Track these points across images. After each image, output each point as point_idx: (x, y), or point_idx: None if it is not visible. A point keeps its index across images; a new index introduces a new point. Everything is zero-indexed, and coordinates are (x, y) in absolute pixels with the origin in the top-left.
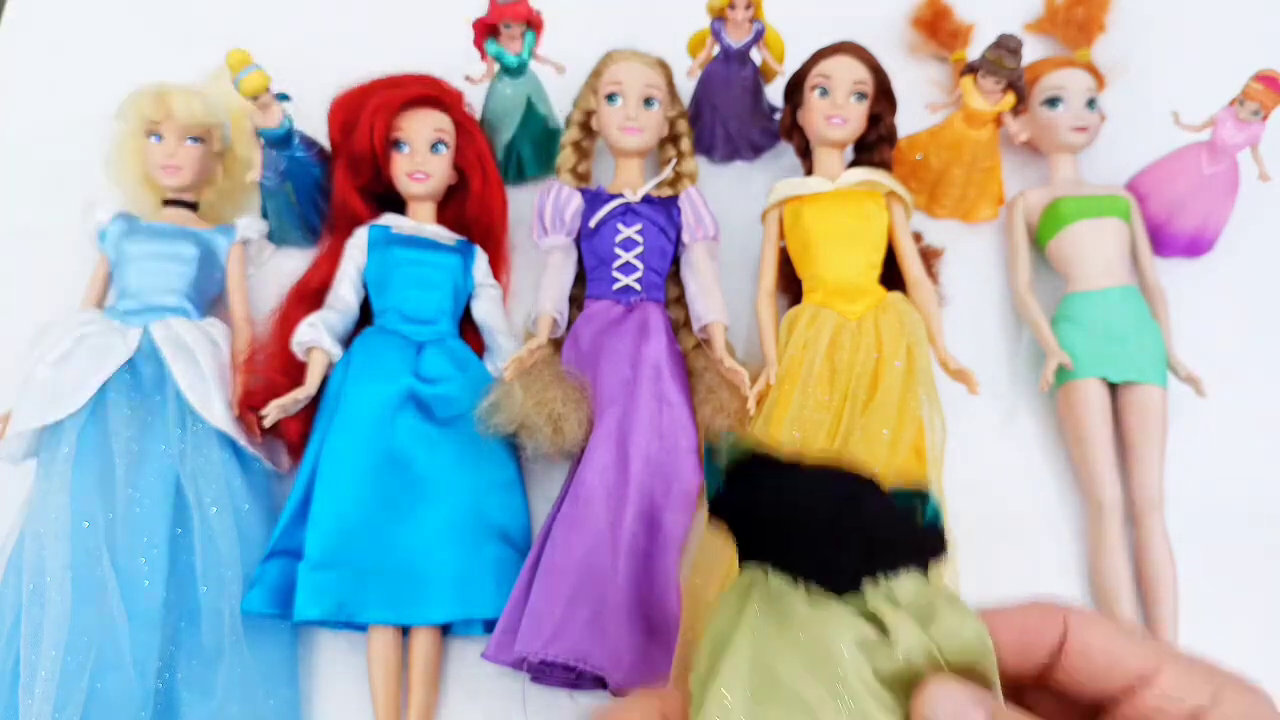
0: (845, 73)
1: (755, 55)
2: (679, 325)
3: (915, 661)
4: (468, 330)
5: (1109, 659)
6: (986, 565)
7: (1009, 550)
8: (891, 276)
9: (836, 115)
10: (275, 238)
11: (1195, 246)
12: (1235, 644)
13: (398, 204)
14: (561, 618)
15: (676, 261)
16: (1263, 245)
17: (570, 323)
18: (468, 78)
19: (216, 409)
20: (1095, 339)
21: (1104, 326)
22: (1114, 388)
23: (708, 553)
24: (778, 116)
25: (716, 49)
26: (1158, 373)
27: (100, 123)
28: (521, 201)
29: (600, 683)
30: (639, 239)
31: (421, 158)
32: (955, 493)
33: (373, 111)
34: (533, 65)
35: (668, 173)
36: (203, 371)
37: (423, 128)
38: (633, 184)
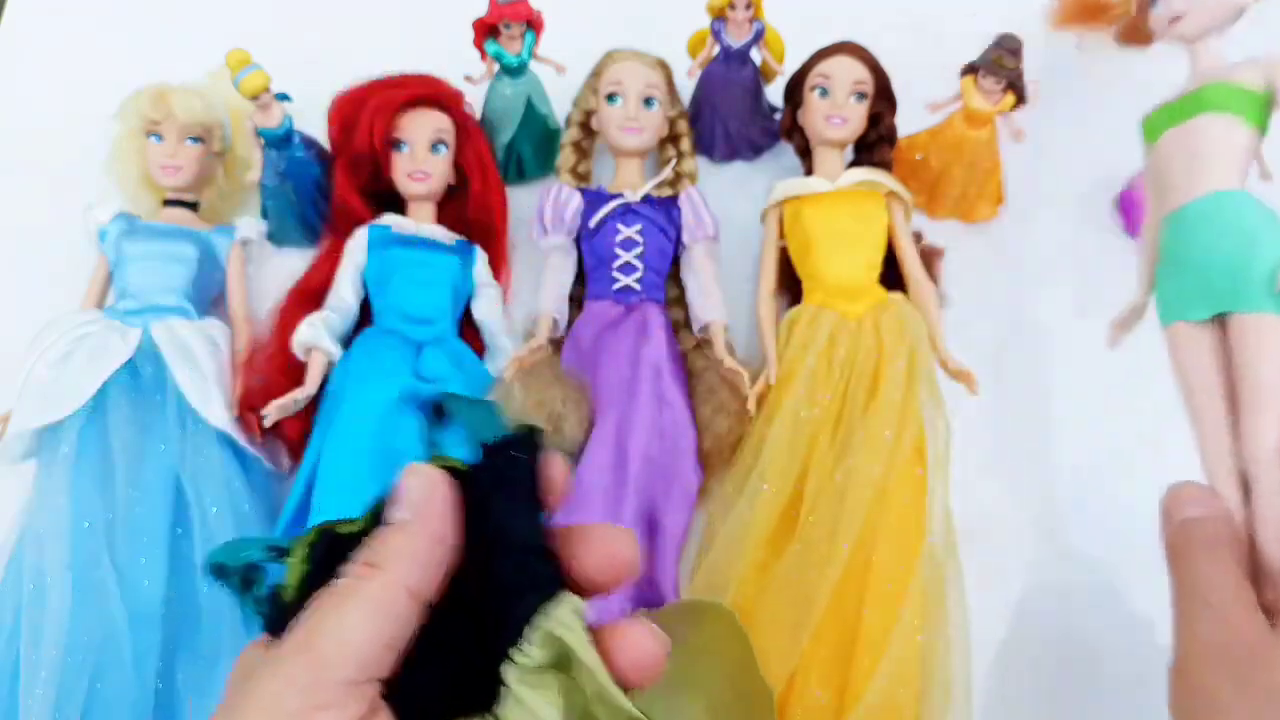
0: (845, 73)
1: (755, 55)
2: (679, 325)
3: None
4: (468, 330)
5: None
6: (989, 565)
7: (1010, 550)
8: (891, 276)
9: (836, 115)
10: (275, 238)
11: None
12: None
13: (398, 204)
14: None
15: (676, 261)
16: None
17: (570, 323)
18: (468, 78)
19: (216, 409)
20: (1181, 270)
21: (1189, 249)
22: (1224, 325)
23: (712, 554)
24: (778, 116)
25: (716, 49)
26: (1265, 296)
27: (100, 123)
28: (521, 201)
29: None
30: (639, 239)
31: (421, 158)
32: (956, 493)
33: (373, 111)
34: (533, 65)
35: (668, 173)
36: (203, 371)
37: (423, 128)
38: (633, 184)
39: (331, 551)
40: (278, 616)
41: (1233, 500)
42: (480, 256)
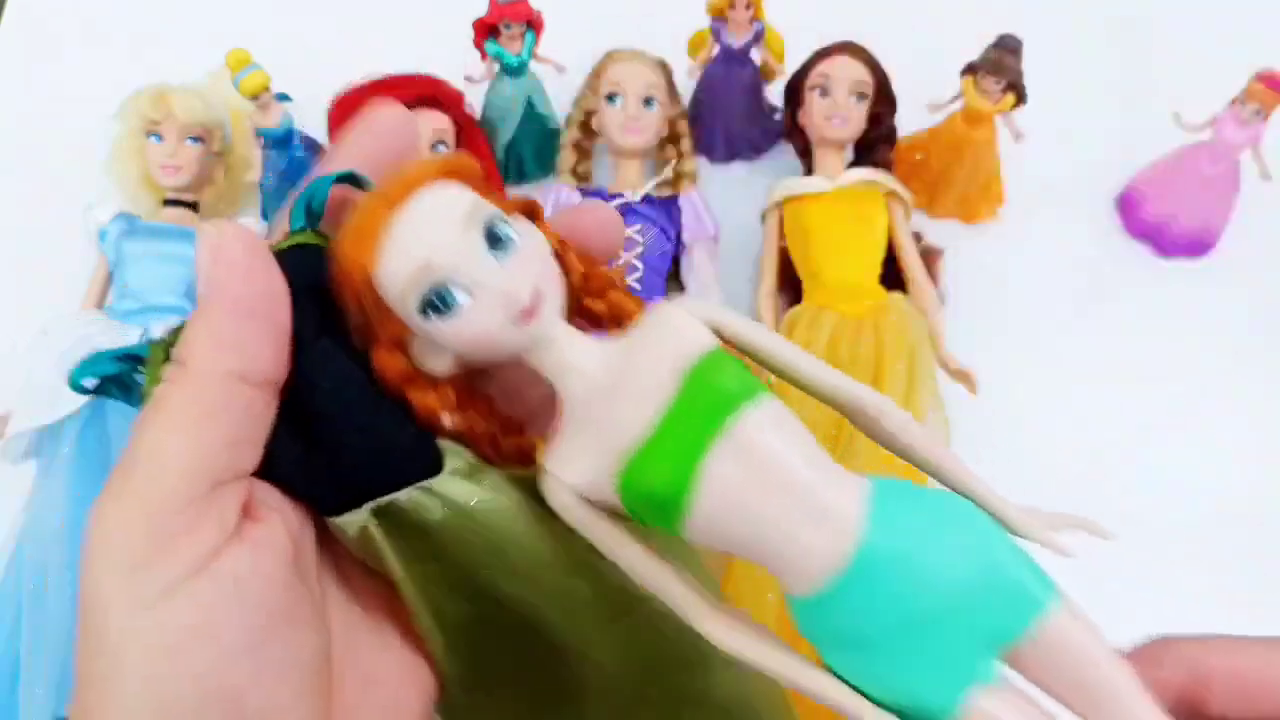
0: (845, 73)
1: (755, 55)
2: None
3: None
4: None
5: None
6: None
7: None
8: (891, 276)
9: (837, 115)
10: None
11: (1197, 247)
12: None
13: None
14: None
15: (676, 262)
16: (1265, 245)
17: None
18: (468, 78)
19: None
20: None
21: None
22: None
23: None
24: (778, 116)
25: (716, 49)
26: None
27: (100, 123)
28: None
29: None
30: (639, 239)
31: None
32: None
33: None
34: (533, 65)
35: (667, 173)
36: None
37: (422, 128)
38: (633, 184)
39: None
40: None
41: None
42: None
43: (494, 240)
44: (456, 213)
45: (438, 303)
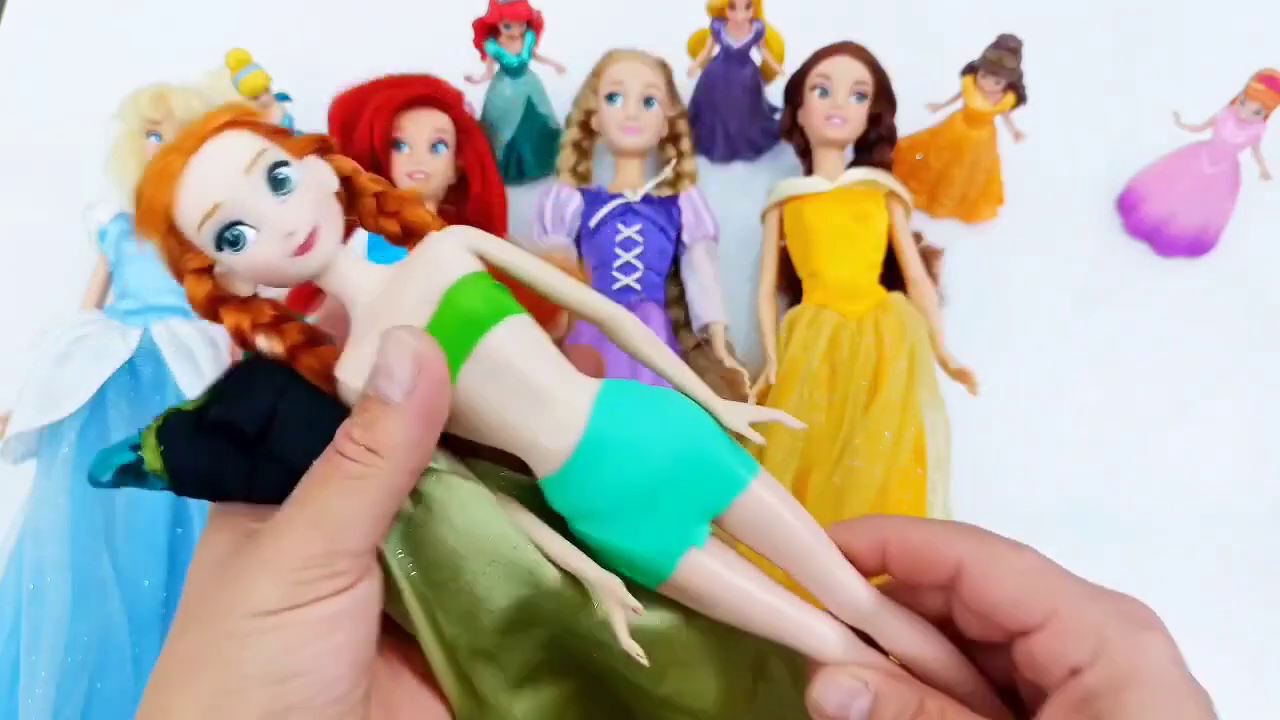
0: (845, 73)
1: (755, 55)
2: (679, 325)
3: None
4: None
5: (1004, 604)
6: None
7: None
8: (891, 276)
9: (836, 115)
10: None
11: (1197, 246)
12: (1237, 645)
13: None
14: None
15: (676, 261)
16: (1264, 244)
17: (570, 323)
18: (468, 78)
19: None
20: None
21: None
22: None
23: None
24: (778, 116)
25: (716, 49)
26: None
27: (100, 123)
28: (521, 201)
29: None
30: (639, 239)
31: (421, 158)
32: (956, 493)
33: (373, 111)
34: (533, 65)
35: (668, 172)
36: (202, 371)
37: (422, 128)
38: (633, 184)
39: (186, 424)
40: (176, 486)
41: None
42: None
43: (276, 183)
44: (241, 159)
45: (228, 238)
